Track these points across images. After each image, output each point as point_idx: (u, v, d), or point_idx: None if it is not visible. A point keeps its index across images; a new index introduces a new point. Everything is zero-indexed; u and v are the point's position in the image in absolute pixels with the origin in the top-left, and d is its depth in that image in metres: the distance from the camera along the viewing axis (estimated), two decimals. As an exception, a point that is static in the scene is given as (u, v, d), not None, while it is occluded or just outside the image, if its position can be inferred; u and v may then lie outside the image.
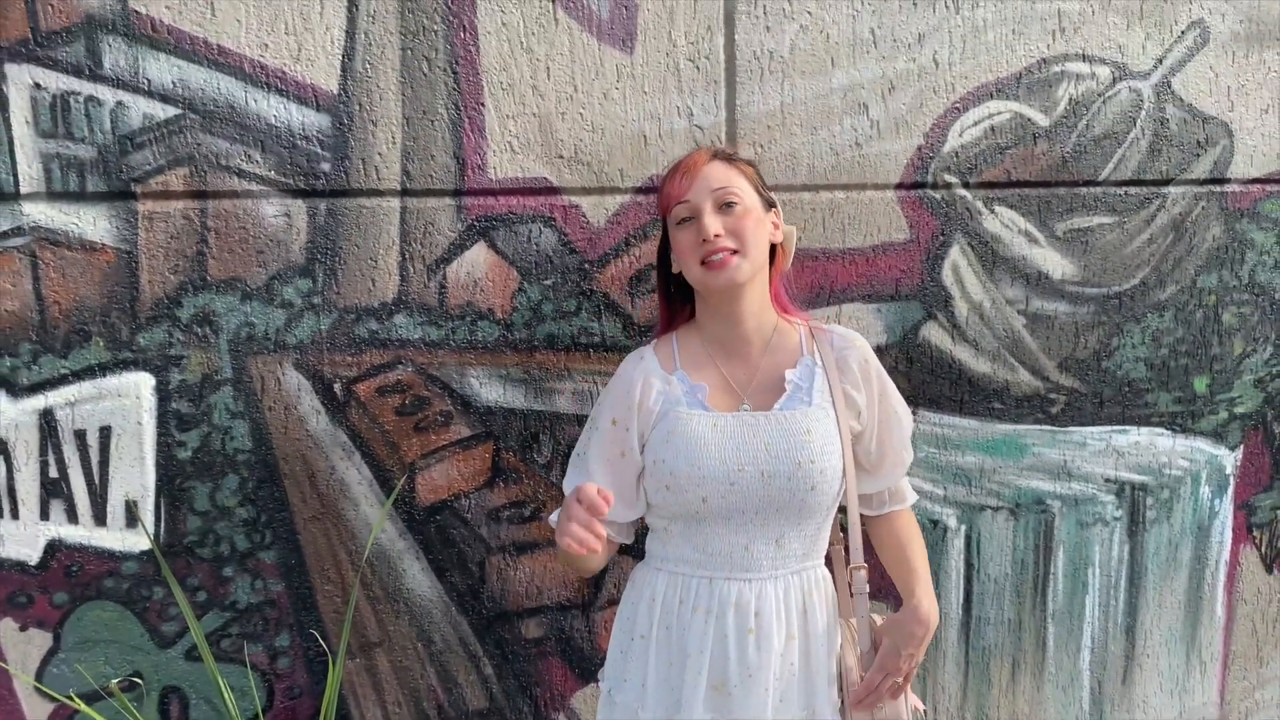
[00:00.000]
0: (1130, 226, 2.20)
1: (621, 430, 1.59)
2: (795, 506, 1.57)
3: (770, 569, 1.59)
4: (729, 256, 1.53)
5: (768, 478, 1.54)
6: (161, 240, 1.75)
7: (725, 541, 1.58)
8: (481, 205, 1.87)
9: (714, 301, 1.60)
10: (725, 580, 1.58)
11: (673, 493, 1.56)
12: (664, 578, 1.62)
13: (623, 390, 1.60)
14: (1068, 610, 2.27)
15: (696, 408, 1.58)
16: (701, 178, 1.57)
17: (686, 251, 1.56)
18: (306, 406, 1.83)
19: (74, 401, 1.73)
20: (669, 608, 1.61)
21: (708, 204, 1.55)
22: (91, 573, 1.75)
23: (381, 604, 1.89)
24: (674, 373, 1.61)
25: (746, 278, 1.56)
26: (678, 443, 1.55)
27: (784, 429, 1.56)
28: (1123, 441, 2.25)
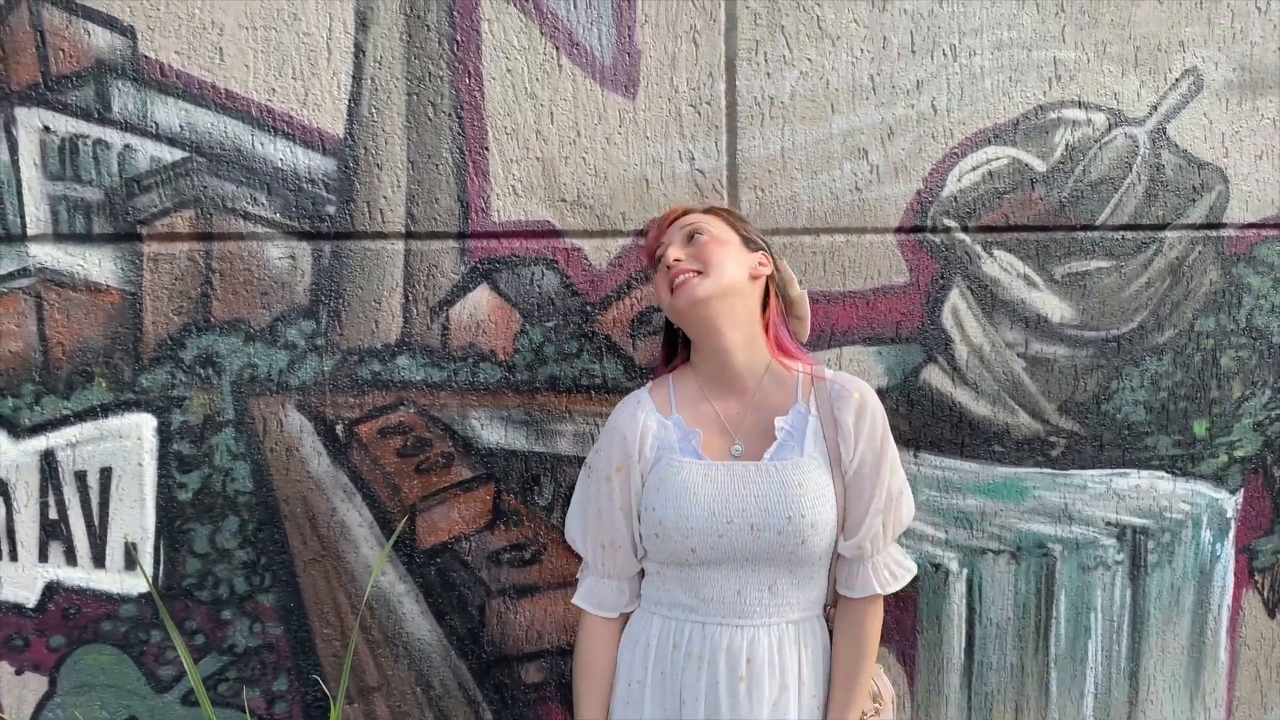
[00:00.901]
0: (1128, 270, 2.22)
1: (625, 476, 1.60)
2: (785, 558, 1.56)
3: (764, 616, 1.57)
4: (690, 277, 1.55)
5: (757, 531, 1.53)
6: (166, 281, 1.76)
7: (718, 587, 1.57)
8: (485, 248, 1.88)
9: (694, 335, 1.62)
10: (718, 625, 1.57)
11: (662, 541, 1.56)
12: (658, 622, 1.61)
13: (621, 435, 1.61)
14: (1070, 655, 2.26)
15: (689, 455, 1.58)
16: (676, 223, 1.64)
17: (661, 287, 1.61)
18: (308, 448, 1.83)
19: (75, 442, 1.73)
20: (663, 653, 1.60)
21: (676, 239, 1.61)
22: (89, 615, 1.74)
23: (380, 647, 1.88)
24: (670, 416, 1.61)
25: (706, 294, 1.54)
26: (668, 492, 1.55)
27: (775, 481, 1.54)
28: (1123, 484, 2.25)
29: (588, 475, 1.65)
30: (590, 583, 1.65)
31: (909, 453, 2.12)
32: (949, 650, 2.19)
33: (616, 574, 1.64)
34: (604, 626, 1.65)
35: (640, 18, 1.92)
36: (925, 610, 2.17)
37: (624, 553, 1.62)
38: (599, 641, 1.65)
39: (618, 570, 1.63)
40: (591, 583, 1.65)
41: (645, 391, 1.66)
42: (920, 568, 2.15)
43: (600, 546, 1.62)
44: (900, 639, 2.16)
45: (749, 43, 1.97)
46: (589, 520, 1.63)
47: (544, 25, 1.89)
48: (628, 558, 1.62)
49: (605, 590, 1.64)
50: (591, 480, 1.64)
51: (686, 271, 1.56)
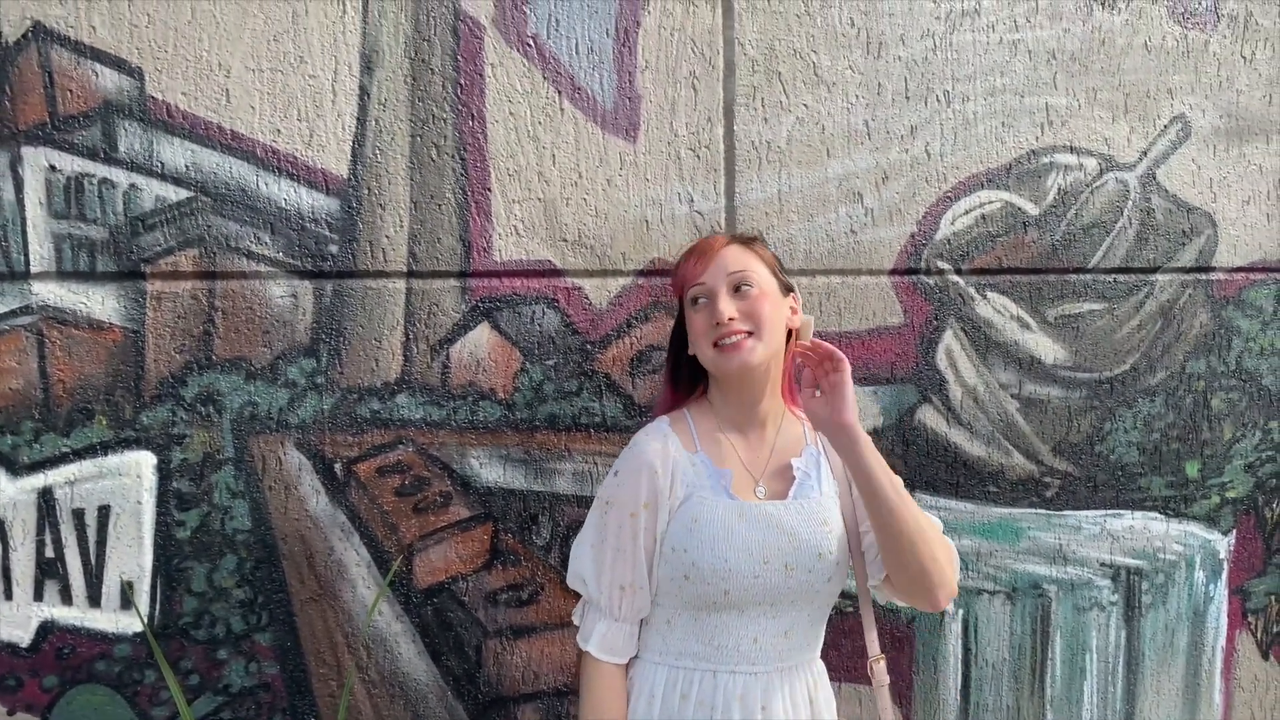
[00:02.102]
0: (1120, 313, 2.25)
1: (653, 514, 1.53)
2: (810, 597, 1.55)
3: (778, 661, 1.55)
4: (743, 339, 1.51)
5: (790, 570, 1.51)
6: (169, 320, 1.77)
7: (734, 634, 1.52)
8: (486, 287, 1.90)
9: (727, 384, 1.58)
10: (730, 674, 1.53)
11: (692, 583, 1.50)
12: (664, 672, 1.56)
13: (652, 469, 1.53)
14: (1066, 697, 2.26)
15: (722, 494, 1.53)
16: (718, 261, 1.55)
17: (700, 333, 1.54)
18: (307, 486, 1.83)
19: (74, 480, 1.72)
20: (669, 704, 1.54)
21: (723, 287, 1.53)
22: (83, 655, 1.72)
23: (377, 688, 1.87)
24: (696, 453, 1.57)
25: (760, 360, 1.52)
26: (702, 532, 1.50)
27: (804, 519, 1.53)
28: (1117, 525, 2.26)
29: (605, 511, 1.56)
30: (604, 628, 1.56)
31: (905, 493, 2.13)
32: (945, 691, 2.19)
33: (632, 617, 1.57)
34: (617, 674, 1.56)
35: (641, 63, 1.95)
36: (921, 651, 2.17)
37: (642, 595, 1.55)
38: (614, 691, 1.56)
39: (634, 614, 1.56)
40: (605, 628, 1.56)
41: (667, 425, 1.59)
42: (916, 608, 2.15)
43: (619, 588, 1.54)
44: (896, 680, 2.15)
45: (747, 89, 2.01)
46: (606, 559, 1.54)
47: (546, 70, 1.92)
48: (644, 600, 1.55)
49: (619, 636, 1.56)
50: (611, 516, 1.54)
51: (739, 333, 1.51)
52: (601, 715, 1.55)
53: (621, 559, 1.54)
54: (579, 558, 1.58)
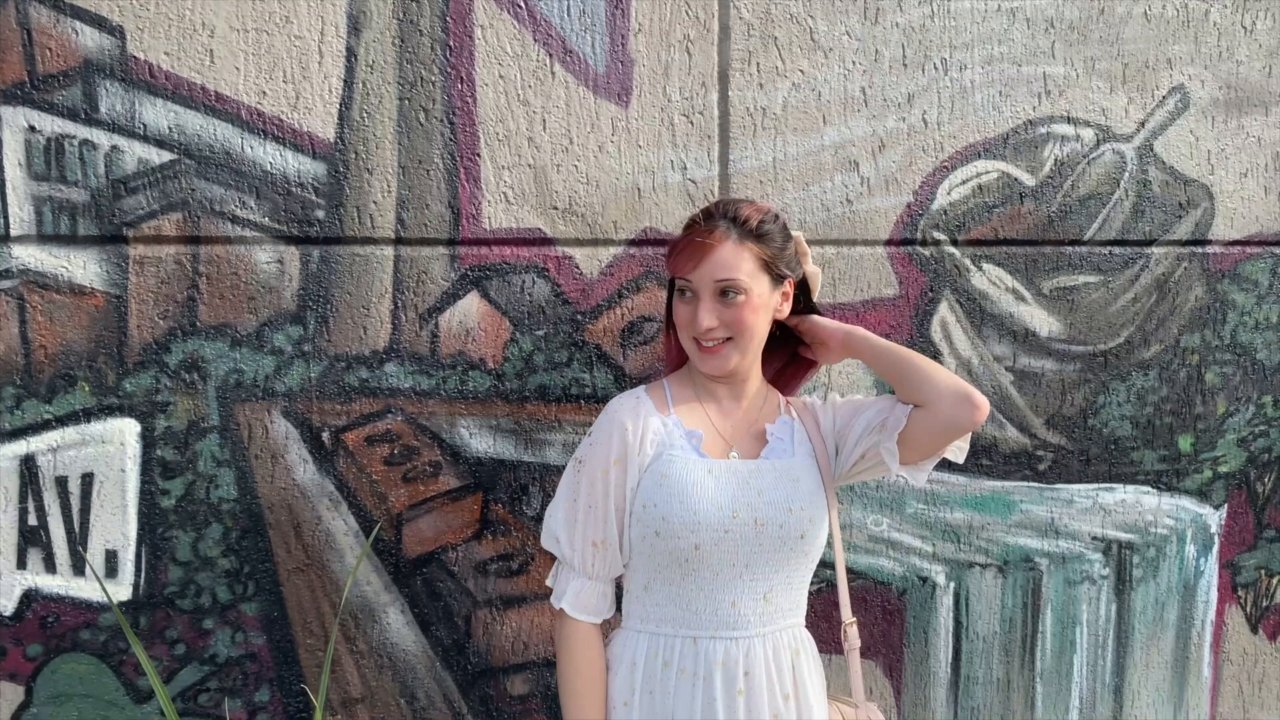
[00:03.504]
0: (1115, 286, 2.23)
1: (623, 470, 1.56)
2: (784, 555, 1.56)
3: (758, 625, 1.56)
4: (720, 346, 1.56)
5: (760, 525, 1.53)
6: (152, 285, 1.74)
7: (711, 598, 1.54)
8: (475, 255, 1.87)
9: None
10: (710, 639, 1.54)
11: (663, 539, 1.53)
12: (645, 640, 1.57)
13: (622, 427, 1.56)
14: (1056, 670, 2.26)
15: (691, 452, 1.57)
16: (708, 262, 1.53)
17: (682, 324, 1.59)
18: (294, 455, 1.81)
19: (56, 447, 1.70)
20: (651, 672, 1.55)
21: (707, 292, 1.54)
22: (68, 624, 1.70)
23: (365, 658, 1.85)
24: (669, 415, 1.60)
25: (734, 367, 1.58)
26: (672, 486, 1.53)
27: (775, 476, 1.57)
28: (1109, 499, 2.26)
29: (578, 470, 1.59)
30: (577, 586, 1.58)
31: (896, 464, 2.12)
32: (936, 664, 2.19)
33: (604, 575, 1.59)
34: (592, 633, 1.59)
35: (634, 26, 1.92)
36: (912, 624, 2.17)
37: (613, 552, 1.58)
38: (590, 649, 1.58)
39: (606, 571, 1.59)
40: (579, 586, 1.58)
41: (642, 390, 1.64)
42: (908, 580, 2.15)
43: (591, 545, 1.57)
44: (887, 652, 2.15)
45: (742, 53, 1.97)
46: (578, 516, 1.57)
47: (537, 32, 1.88)
48: (615, 558, 1.58)
49: (592, 594, 1.59)
50: (583, 474, 1.58)
51: (716, 339, 1.56)
52: (580, 670, 1.57)
53: (593, 515, 1.57)
54: (552, 516, 1.61)
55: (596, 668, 1.59)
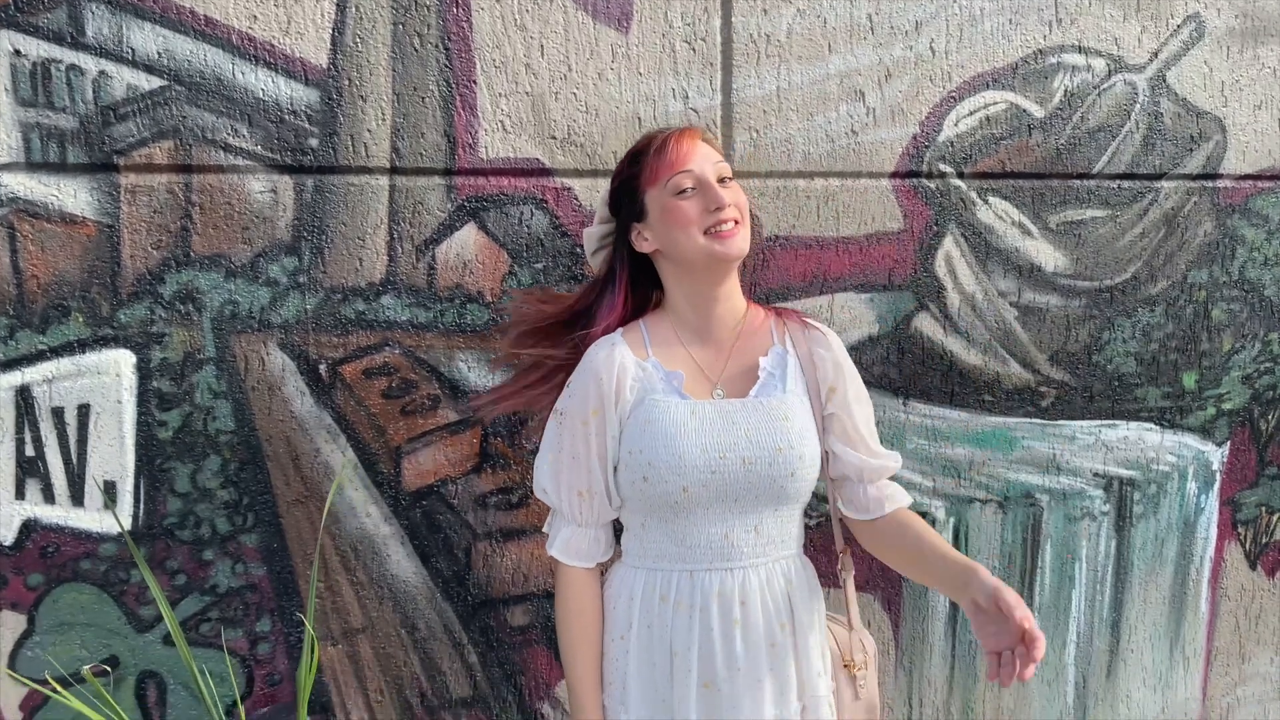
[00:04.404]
0: (1123, 220, 2.20)
1: (602, 420, 1.56)
2: (775, 493, 1.55)
3: (751, 557, 1.56)
4: (735, 228, 1.53)
5: (749, 464, 1.52)
6: (144, 215, 1.71)
7: (704, 532, 1.55)
8: (472, 185, 1.84)
9: (700, 279, 1.57)
10: (706, 572, 1.55)
11: (650, 484, 1.53)
12: (642, 575, 1.59)
13: (597, 377, 1.56)
14: (1054, 604, 2.27)
15: (673, 395, 1.55)
16: (702, 149, 1.56)
17: (692, 221, 1.52)
18: (291, 387, 1.80)
19: (52, 378, 1.68)
20: (649, 605, 1.57)
21: (711, 175, 1.54)
22: (68, 554, 1.71)
23: (365, 589, 1.86)
24: (647, 359, 1.58)
25: (748, 249, 1.56)
26: (656, 431, 1.52)
27: (762, 415, 1.55)
28: (1111, 436, 2.25)
29: (559, 421, 1.59)
30: (567, 533, 1.60)
31: (898, 401, 2.11)
32: (934, 599, 2.20)
33: (594, 521, 1.60)
34: (585, 577, 1.61)
35: (634, -51, 1.86)
36: (912, 558, 2.17)
37: (600, 499, 1.58)
38: (583, 593, 1.61)
39: (595, 518, 1.60)
40: (569, 533, 1.60)
41: (618, 335, 1.61)
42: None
43: (577, 494, 1.58)
44: (886, 586, 2.16)
45: (746, -22, 1.92)
46: (562, 467, 1.58)
47: (535, -45, 1.83)
48: (604, 504, 1.59)
49: (583, 540, 1.60)
50: (565, 425, 1.58)
51: (733, 220, 1.53)
52: (574, 616, 1.60)
53: (577, 465, 1.57)
54: (540, 468, 1.62)
55: (590, 613, 1.61)
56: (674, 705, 1.55)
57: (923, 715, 2.23)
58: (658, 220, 1.55)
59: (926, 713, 2.23)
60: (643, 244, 1.59)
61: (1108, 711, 2.33)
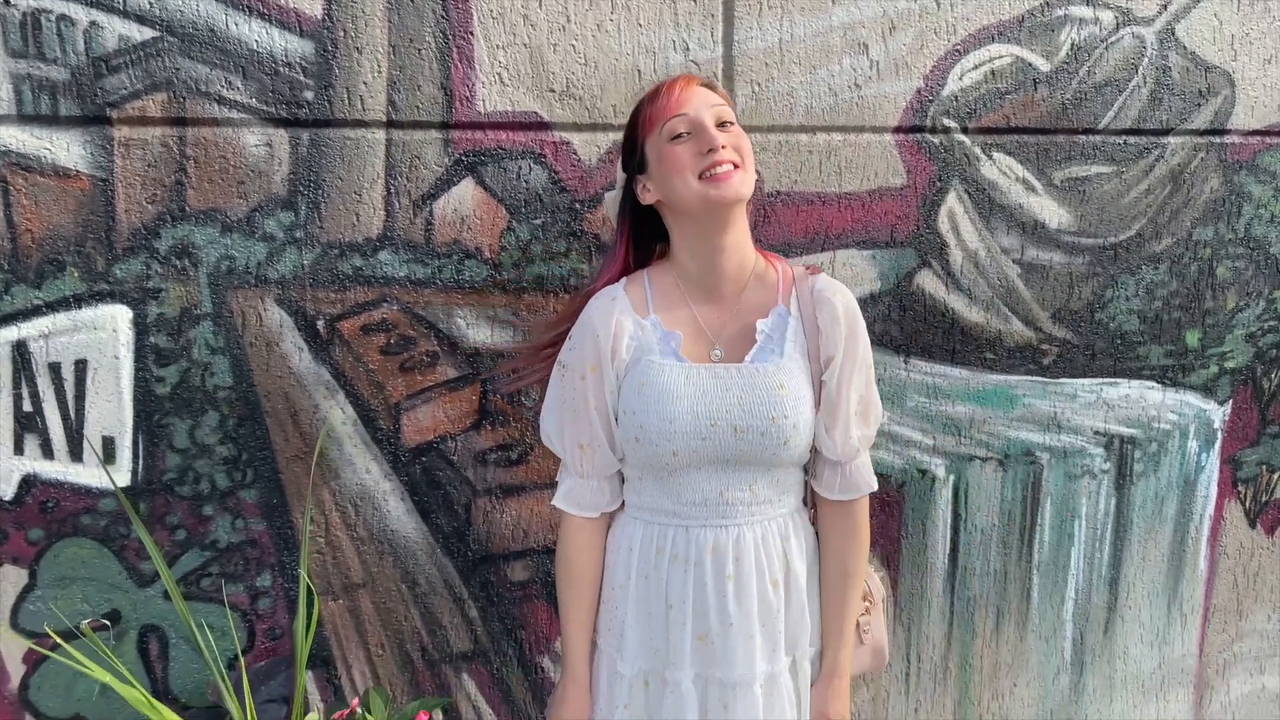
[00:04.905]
0: (1128, 176, 2.17)
1: (599, 377, 1.55)
2: (768, 459, 1.54)
3: (746, 514, 1.56)
4: (732, 170, 1.47)
5: (740, 433, 1.51)
6: (138, 168, 1.69)
7: (698, 489, 1.55)
8: (470, 139, 1.82)
9: (703, 228, 1.52)
10: (701, 527, 1.56)
11: (642, 445, 1.53)
12: (640, 527, 1.60)
13: (594, 334, 1.54)
14: (1053, 562, 2.28)
15: (669, 357, 1.53)
16: (699, 93, 1.52)
17: (685, 167, 1.48)
18: (289, 343, 1.79)
19: (48, 333, 1.68)
20: (646, 558, 1.58)
21: (708, 117, 1.50)
22: (68, 509, 1.71)
23: (365, 544, 1.87)
24: (647, 317, 1.56)
25: (748, 194, 1.50)
26: (648, 394, 1.51)
27: (757, 383, 1.52)
28: (1113, 394, 2.24)
29: (561, 373, 1.59)
30: (569, 484, 1.61)
31: (899, 358, 2.10)
32: (933, 555, 2.20)
33: (595, 473, 1.60)
34: (586, 527, 1.62)
35: (634, -104, 1.82)
36: (910, 515, 2.17)
37: (602, 452, 1.58)
38: (582, 542, 1.62)
39: (596, 470, 1.60)
40: (571, 484, 1.61)
41: (620, 288, 1.58)
42: (907, 474, 2.15)
43: (578, 446, 1.58)
44: (885, 543, 2.16)
45: (747, -74, 1.88)
46: (565, 419, 1.59)
47: (532, -98, 1.79)
48: (606, 457, 1.59)
49: (584, 491, 1.61)
50: (565, 379, 1.58)
51: (729, 162, 1.48)
52: (571, 564, 1.62)
53: (577, 419, 1.57)
54: (544, 417, 1.63)
55: (585, 562, 1.63)
56: (669, 655, 1.56)
57: (921, 670, 2.24)
58: (656, 168, 1.53)
59: (925, 667, 2.24)
60: (646, 195, 1.56)
61: (1104, 667, 2.35)
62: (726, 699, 1.55)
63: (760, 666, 1.55)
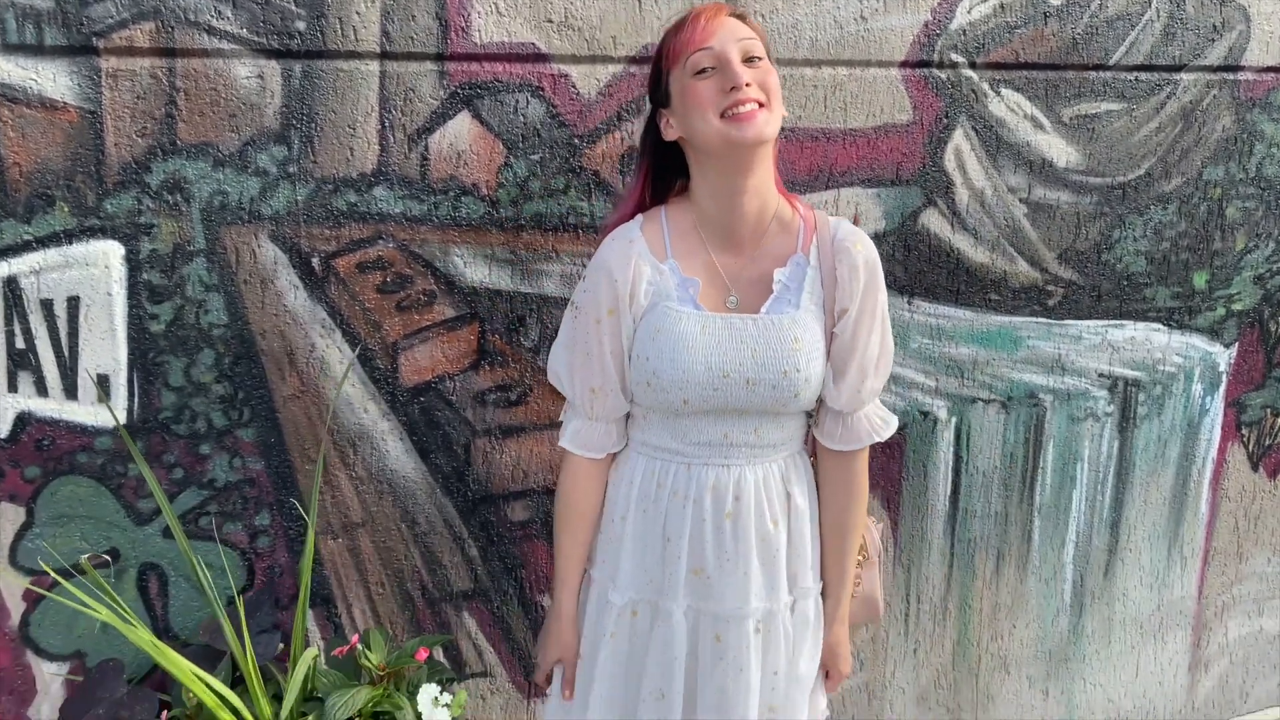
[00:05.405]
0: (1139, 114, 2.13)
1: (616, 321, 1.52)
2: (776, 409, 1.53)
3: (749, 456, 1.56)
4: (756, 109, 1.41)
5: (752, 385, 1.49)
6: (127, 100, 1.65)
7: (703, 432, 1.54)
8: (465, 71, 1.77)
9: (724, 167, 1.47)
10: (703, 466, 1.55)
11: (654, 390, 1.51)
12: (643, 462, 1.60)
13: (611, 277, 1.51)
14: (1054, 504, 2.27)
15: (687, 304, 1.51)
16: (726, 25, 1.44)
17: (707, 104, 1.42)
18: (284, 281, 1.77)
19: (39, 270, 1.65)
20: (646, 492, 1.58)
21: (734, 52, 1.42)
22: (63, 447, 1.70)
23: (364, 484, 1.86)
24: (665, 261, 1.52)
25: (773, 134, 1.44)
26: (663, 342, 1.49)
27: (771, 336, 1.49)
28: (1118, 336, 2.22)
29: (574, 315, 1.57)
30: (577, 425, 1.61)
31: (903, 299, 2.08)
32: (934, 497, 2.20)
33: (605, 416, 1.59)
34: (590, 467, 1.62)
35: None
36: (912, 457, 2.16)
37: (614, 396, 1.57)
38: (585, 482, 1.62)
39: (607, 413, 1.59)
40: (579, 425, 1.60)
41: (636, 229, 1.54)
42: (909, 415, 2.14)
43: (590, 390, 1.57)
44: (886, 485, 2.16)
45: None
46: (576, 362, 1.57)
47: None
48: (617, 401, 1.58)
49: (593, 433, 1.60)
50: (579, 321, 1.56)
51: (754, 101, 1.41)
52: (570, 502, 1.62)
53: (590, 363, 1.55)
54: (555, 357, 1.61)
55: (590, 501, 1.63)
56: (664, 586, 1.57)
57: (920, 611, 2.25)
58: (678, 103, 1.47)
59: (924, 609, 2.25)
60: (669, 131, 1.51)
61: (1104, 609, 2.36)
62: (719, 630, 1.55)
63: (756, 603, 1.55)
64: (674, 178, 1.59)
